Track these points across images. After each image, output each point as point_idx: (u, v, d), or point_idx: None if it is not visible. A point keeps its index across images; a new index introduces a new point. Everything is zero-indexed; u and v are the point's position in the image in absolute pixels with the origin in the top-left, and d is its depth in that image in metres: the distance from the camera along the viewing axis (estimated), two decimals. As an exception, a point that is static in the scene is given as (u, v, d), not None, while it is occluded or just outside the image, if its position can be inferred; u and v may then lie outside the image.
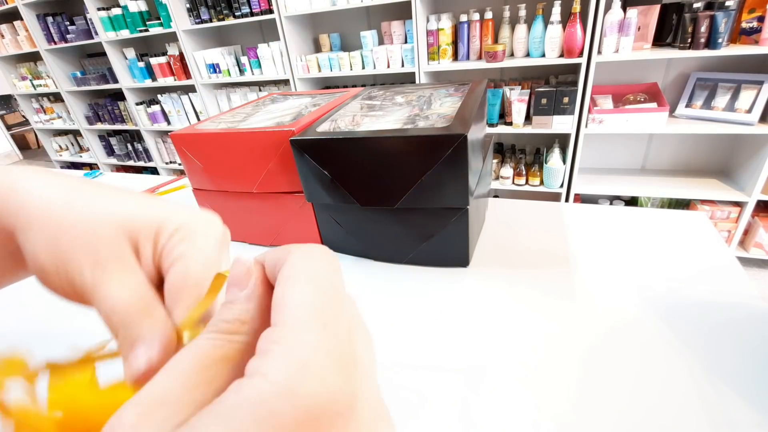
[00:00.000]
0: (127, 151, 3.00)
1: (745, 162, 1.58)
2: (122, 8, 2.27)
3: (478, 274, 0.42)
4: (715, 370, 0.28)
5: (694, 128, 1.50)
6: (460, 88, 0.51)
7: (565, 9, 1.54)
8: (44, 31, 2.62)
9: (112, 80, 2.61)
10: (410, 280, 0.42)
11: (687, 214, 0.48)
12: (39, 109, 3.20)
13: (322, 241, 0.48)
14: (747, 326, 0.32)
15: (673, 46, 1.51)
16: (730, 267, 0.39)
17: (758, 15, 1.36)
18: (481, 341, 0.33)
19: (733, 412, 0.25)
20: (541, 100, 1.63)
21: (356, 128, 0.41)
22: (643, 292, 0.37)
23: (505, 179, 1.89)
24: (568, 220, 0.49)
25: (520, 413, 0.27)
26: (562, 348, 0.32)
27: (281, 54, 2.05)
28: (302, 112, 0.50)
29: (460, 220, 0.39)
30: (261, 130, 0.43)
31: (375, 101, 0.51)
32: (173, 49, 2.32)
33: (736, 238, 1.64)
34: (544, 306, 0.36)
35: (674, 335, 0.32)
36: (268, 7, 1.93)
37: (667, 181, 1.73)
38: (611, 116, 1.57)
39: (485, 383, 0.29)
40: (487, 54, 1.65)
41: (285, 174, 0.44)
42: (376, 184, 0.39)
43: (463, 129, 0.34)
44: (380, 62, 1.86)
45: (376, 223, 0.42)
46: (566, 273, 0.40)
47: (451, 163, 0.35)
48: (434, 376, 0.30)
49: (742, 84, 1.46)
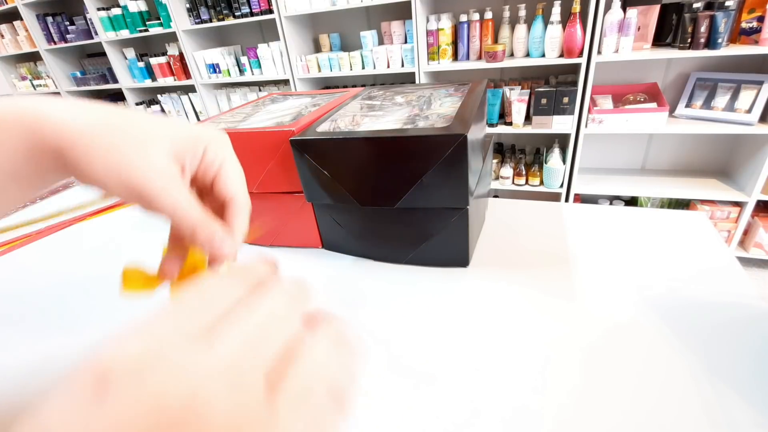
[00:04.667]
0: (127, 151, 2.99)
1: (745, 162, 1.58)
2: (122, 8, 2.27)
3: (478, 274, 0.42)
4: (715, 370, 0.28)
5: (694, 128, 1.50)
6: (460, 88, 0.51)
7: (565, 9, 1.54)
8: (44, 31, 2.62)
9: (112, 80, 2.61)
10: (410, 280, 0.42)
11: (687, 214, 0.48)
12: (39, 109, 3.19)
13: (322, 241, 0.48)
14: (747, 326, 0.32)
15: (673, 46, 1.51)
16: (730, 267, 0.39)
17: (758, 15, 1.36)
18: (481, 341, 0.33)
19: (733, 412, 0.25)
20: (541, 100, 1.63)
21: (356, 128, 0.41)
22: (643, 292, 0.37)
23: (505, 179, 1.90)
24: (568, 220, 0.49)
25: (520, 413, 0.27)
26: (562, 348, 0.32)
27: (281, 54, 2.05)
28: (302, 112, 0.50)
29: (460, 220, 0.39)
30: (261, 130, 0.43)
31: (375, 101, 0.51)
32: (173, 49, 2.32)
33: (736, 238, 1.64)
34: (544, 306, 0.36)
35: (674, 335, 0.32)
36: (268, 7, 1.93)
37: (667, 181, 1.73)
38: (611, 116, 1.57)
39: (485, 383, 0.29)
40: (487, 54, 1.65)
41: (285, 174, 0.44)
42: (376, 184, 0.39)
43: (463, 129, 0.34)
44: (380, 62, 1.86)
45: (376, 223, 0.42)
46: (566, 273, 0.40)
47: (451, 163, 0.35)
48: (434, 376, 0.30)
49: (741, 84, 1.46)
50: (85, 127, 0.18)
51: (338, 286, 0.42)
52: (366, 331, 0.35)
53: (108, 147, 0.18)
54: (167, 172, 0.19)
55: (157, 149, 0.19)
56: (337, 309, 0.38)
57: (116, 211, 0.66)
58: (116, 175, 0.18)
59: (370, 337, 0.34)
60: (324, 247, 0.48)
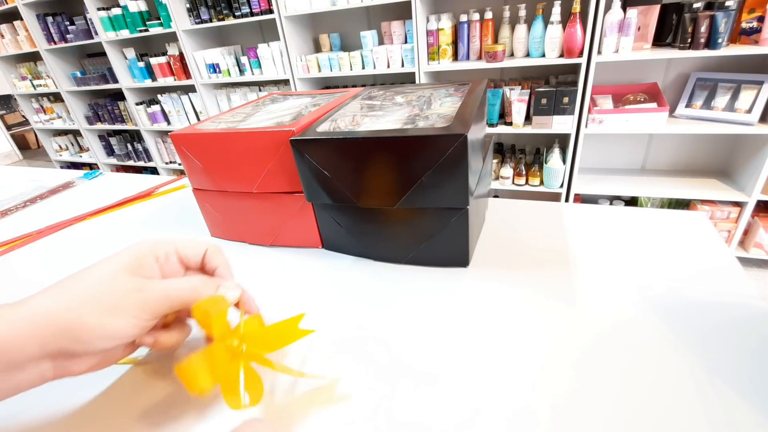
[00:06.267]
0: (127, 151, 2.99)
1: (745, 162, 1.59)
2: (122, 8, 2.27)
3: (478, 274, 0.42)
4: (715, 370, 0.28)
5: (694, 128, 1.50)
6: (460, 88, 0.51)
7: (565, 9, 1.54)
8: (44, 31, 2.62)
9: (112, 80, 2.61)
10: (410, 280, 0.42)
11: (687, 214, 0.48)
12: (39, 109, 3.20)
13: (322, 241, 0.48)
14: (747, 326, 0.32)
15: (673, 46, 1.51)
16: (730, 267, 0.39)
17: (758, 15, 1.36)
18: (481, 341, 0.33)
19: (733, 412, 0.25)
20: (541, 100, 1.63)
21: (356, 128, 0.41)
22: (643, 292, 0.36)
23: (505, 179, 1.90)
24: (568, 220, 0.49)
25: (521, 413, 0.27)
26: (562, 347, 0.32)
27: (281, 54, 2.05)
28: (302, 112, 0.50)
29: (460, 220, 0.39)
30: (261, 130, 0.43)
31: (375, 101, 0.51)
32: (173, 49, 2.32)
33: (736, 238, 1.64)
34: (544, 306, 0.36)
35: (674, 335, 0.32)
36: (268, 7, 1.93)
37: (667, 181, 1.73)
38: (611, 116, 1.58)
39: (486, 383, 0.29)
40: (487, 54, 1.65)
41: (285, 174, 0.44)
42: (376, 184, 0.39)
43: (463, 129, 0.34)
44: (380, 62, 1.86)
45: (376, 223, 0.42)
46: (566, 273, 0.40)
47: (451, 163, 0.35)
48: (434, 376, 0.30)
49: (742, 84, 1.46)
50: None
51: (338, 286, 0.42)
52: (366, 331, 0.35)
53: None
54: (131, 304, 0.24)
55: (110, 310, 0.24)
56: (337, 309, 0.38)
57: (117, 210, 0.66)
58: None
59: (369, 337, 0.34)
60: (324, 247, 0.48)
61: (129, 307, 0.23)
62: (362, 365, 0.31)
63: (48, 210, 0.69)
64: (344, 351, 0.33)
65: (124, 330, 0.23)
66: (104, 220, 0.63)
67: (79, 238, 0.59)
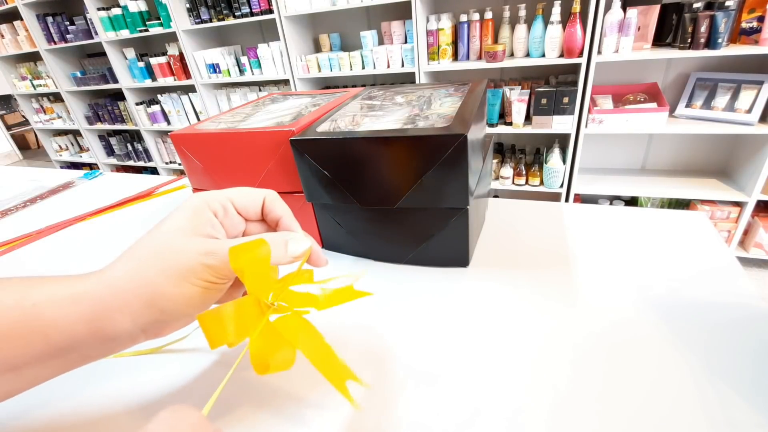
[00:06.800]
0: (127, 151, 3.00)
1: (745, 162, 1.59)
2: (122, 8, 2.27)
3: (478, 274, 0.42)
4: (715, 370, 0.28)
5: (694, 128, 1.50)
6: (460, 88, 0.51)
7: (565, 9, 1.54)
8: (44, 31, 2.62)
9: (112, 80, 2.61)
10: (410, 280, 0.42)
11: (687, 214, 0.48)
12: (39, 109, 3.20)
13: (322, 240, 0.48)
14: (747, 326, 0.32)
15: (673, 46, 1.51)
16: (730, 267, 0.39)
17: (758, 15, 1.36)
18: (481, 341, 0.33)
19: (733, 412, 0.25)
20: (541, 100, 1.63)
21: (356, 128, 0.41)
22: (643, 292, 0.36)
23: (505, 179, 1.90)
24: (568, 220, 0.49)
25: (521, 413, 0.27)
26: (562, 348, 0.32)
27: (281, 54, 2.05)
28: (302, 112, 0.50)
29: (460, 220, 0.39)
30: (261, 130, 0.43)
31: (375, 101, 0.51)
32: (173, 49, 2.32)
33: (736, 238, 1.64)
34: (544, 306, 0.36)
35: (674, 335, 0.32)
36: (268, 7, 1.93)
37: (667, 181, 1.73)
38: (611, 116, 1.58)
39: (486, 383, 0.29)
40: (487, 54, 1.65)
41: (285, 174, 0.44)
42: (376, 184, 0.39)
43: (463, 129, 0.34)
44: (380, 62, 1.86)
45: (376, 223, 0.42)
46: (566, 273, 0.40)
47: (451, 163, 0.35)
48: (435, 376, 0.30)
49: (742, 84, 1.46)
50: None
51: (338, 286, 0.42)
52: (366, 331, 0.35)
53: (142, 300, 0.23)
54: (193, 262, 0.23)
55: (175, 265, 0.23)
56: (337, 309, 0.38)
57: (117, 211, 0.66)
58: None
59: (369, 337, 0.34)
60: (324, 247, 0.48)
61: (201, 273, 0.22)
62: (362, 365, 0.31)
63: (48, 210, 0.69)
64: (344, 351, 0.33)
65: (204, 297, 0.23)
66: (104, 220, 0.63)
67: (79, 238, 0.59)
